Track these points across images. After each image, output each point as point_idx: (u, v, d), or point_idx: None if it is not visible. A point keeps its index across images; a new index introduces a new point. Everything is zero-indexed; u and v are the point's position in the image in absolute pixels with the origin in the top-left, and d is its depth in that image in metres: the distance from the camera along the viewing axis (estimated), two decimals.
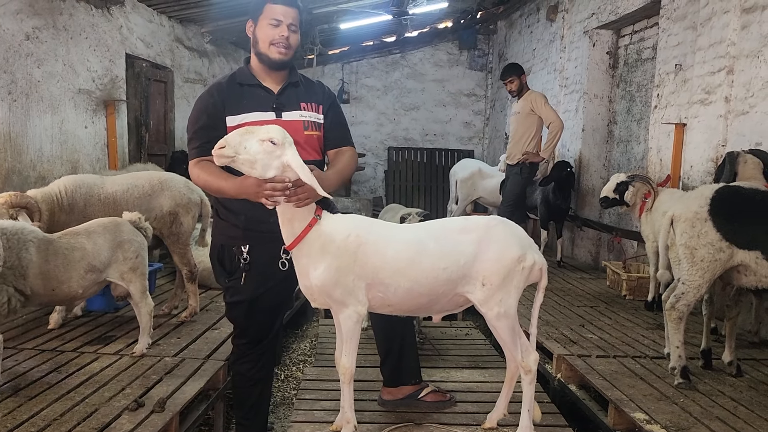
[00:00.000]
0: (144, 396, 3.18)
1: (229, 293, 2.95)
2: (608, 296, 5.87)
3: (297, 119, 2.85)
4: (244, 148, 2.37)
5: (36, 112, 5.18)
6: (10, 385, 3.24)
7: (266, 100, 2.85)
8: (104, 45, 6.15)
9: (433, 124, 13.02)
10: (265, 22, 2.77)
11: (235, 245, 2.81)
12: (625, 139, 7.45)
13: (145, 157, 7.07)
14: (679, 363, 3.51)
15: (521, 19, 10.72)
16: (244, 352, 3.04)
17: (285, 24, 2.77)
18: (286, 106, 2.86)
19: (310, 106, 2.91)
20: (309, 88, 2.98)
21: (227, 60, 9.69)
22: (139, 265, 3.75)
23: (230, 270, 2.90)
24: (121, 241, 3.69)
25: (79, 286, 3.49)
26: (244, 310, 2.93)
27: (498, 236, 2.70)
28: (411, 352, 3.33)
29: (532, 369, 2.82)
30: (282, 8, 2.76)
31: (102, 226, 3.70)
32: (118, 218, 3.87)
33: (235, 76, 2.90)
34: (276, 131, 2.42)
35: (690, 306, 3.47)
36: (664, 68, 6.02)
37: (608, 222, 7.39)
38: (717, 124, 5.11)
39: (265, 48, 2.79)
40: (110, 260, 3.63)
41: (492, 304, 2.68)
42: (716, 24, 5.13)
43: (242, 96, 2.83)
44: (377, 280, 2.60)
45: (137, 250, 3.75)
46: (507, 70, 6.85)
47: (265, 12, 2.77)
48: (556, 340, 4.34)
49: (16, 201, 3.84)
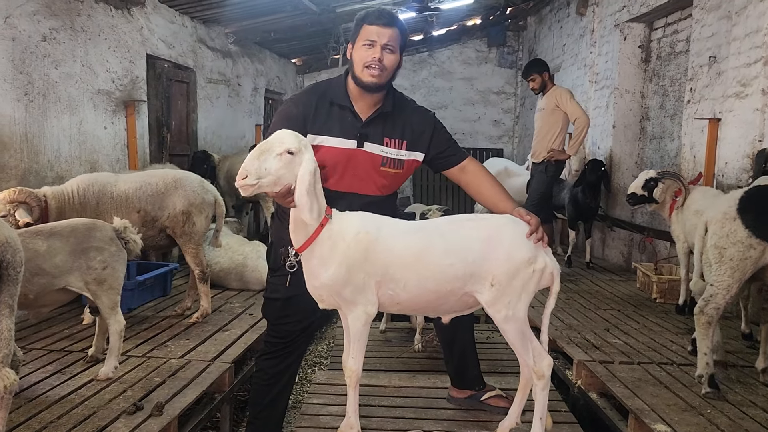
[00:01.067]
0: (144, 399, 3.12)
1: (269, 289, 2.97)
2: (638, 299, 5.62)
3: (377, 153, 2.78)
4: (264, 170, 2.28)
5: (54, 112, 5.19)
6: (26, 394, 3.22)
7: (352, 126, 2.76)
8: (124, 46, 6.15)
9: (461, 123, 12.82)
10: (360, 43, 2.70)
11: (282, 245, 2.75)
12: (658, 136, 7.16)
13: (166, 157, 7.07)
14: (706, 371, 3.29)
15: (551, 14, 10.46)
16: (271, 349, 2.99)
17: (379, 44, 2.67)
18: (369, 137, 2.78)
19: (393, 142, 2.82)
20: (401, 118, 2.87)
21: (251, 60, 9.68)
22: (107, 277, 3.34)
23: (273, 267, 2.91)
24: (87, 248, 3.30)
25: (27, 290, 3.08)
26: (279, 307, 2.91)
27: (508, 236, 2.60)
28: (471, 359, 3.31)
29: (545, 374, 2.67)
30: (377, 29, 2.66)
31: (71, 227, 3.35)
32: (98, 222, 3.52)
33: (329, 91, 2.82)
34: (290, 139, 2.34)
35: (720, 310, 3.24)
36: (697, 61, 5.74)
37: (640, 222, 7.11)
38: (753, 118, 4.83)
39: (359, 71, 2.71)
40: (70, 266, 3.24)
41: (500, 306, 2.57)
42: (752, 13, 4.86)
43: (330, 116, 2.76)
44: (387, 276, 2.53)
45: (106, 260, 3.34)
46: (528, 67, 6.63)
47: (361, 33, 2.70)
48: (578, 345, 4.14)
49: (15, 197, 3.84)
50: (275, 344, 2.97)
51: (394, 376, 3.85)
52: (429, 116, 2.99)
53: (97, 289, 3.33)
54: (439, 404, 3.40)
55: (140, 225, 4.40)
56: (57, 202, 4.20)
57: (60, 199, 4.22)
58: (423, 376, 3.85)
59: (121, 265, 3.45)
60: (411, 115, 2.92)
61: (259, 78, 9.96)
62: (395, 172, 2.84)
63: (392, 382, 3.74)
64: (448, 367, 3.39)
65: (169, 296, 5.33)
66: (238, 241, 5.77)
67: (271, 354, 2.99)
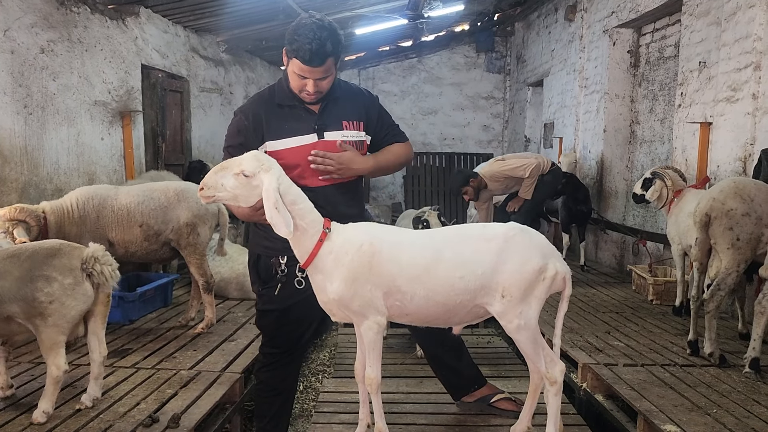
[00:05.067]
0: (159, 411, 3.13)
1: (262, 301, 2.92)
2: (634, 301, 5.71)
3: (338, 139, 2.76)
4: (221, 185, 2.35)
5: (52, 124, 5.18)
6: (26, 402, 3.21)
7: (307, 121, 2.74)
8: (120, 56, 6.15)
9: (451, 128, 12.92)
10: (292, 69, 2.63)
11: (272, 256, 2.76)
12: (649, 140, 7.28)
13: (161, 167, 7.06)
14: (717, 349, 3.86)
15: (539, 19, 10.58)
16: (270, 361, 2.99)
17: (312, 80, 2.61)
18: (328, 126, 2.76)
19: (351, 124, 2.81)
20: (351, 100, 2.85)
21: (243, 68, 9.70)
22: (52, 313, 2.85)
23: (265, 279, 2.87)
24: (37, 276, 2.85)
25: None
26: (275, 318, 2.89)
27: (517, 246, 2.58)
28: (460, 363, 3.34)
29: (558, 380, 2.70)
30: (308, 68, 2.57)
31: (32, 250, 2.96)
32: (66, 247, 3.02)
33: (275, 95, 2.78)
34: (248, 162, 2.36)
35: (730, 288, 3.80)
36: (687, 66, 5.86)
37: (632, 224, 7.22)
38: (744, 122, 4.94)
39: (295, 89, 2.69)
40: (14, 293, 2.84)
41: (511, 316, 2.57)
42: (741, 19, 4.98)
43: (283, 119, 2.74)
44: (394, 287, 2.53)
45: (54, 293, 2.85)
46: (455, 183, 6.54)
47: (293, 61, 2.60)
48: (581, 348, 4.21)
49: (14, 215, 3.82)
50: (273, 355, 2.97)
51: (401, 383, 3.89)
52: (374, 98, 2.98)
53: (39, 324, 2.88)
54: (449, 409, 3.44)
55: (143, 239, 4.41)
56: (56, 217, 4.18)
57: (59, 214, 4.20)
58: (430, 381, 3.88)
59: (75, 300, 2.92)
60: (359, 96, 2.91)
61: (250, 86, 9.97)
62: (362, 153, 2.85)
63: (400, 389, 3.78)
64: (441, 382, 3.43)
65: (170, 307, 5.33)
66: (237, 251, 5.79)
67: (270, 366, 2.99)
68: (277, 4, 7.05)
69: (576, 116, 8.61)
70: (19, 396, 3.33)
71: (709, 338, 3.87)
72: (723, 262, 3.79)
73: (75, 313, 2.94)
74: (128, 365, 3.82)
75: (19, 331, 3.03)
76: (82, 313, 3.00)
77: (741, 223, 3.69)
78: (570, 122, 8.91)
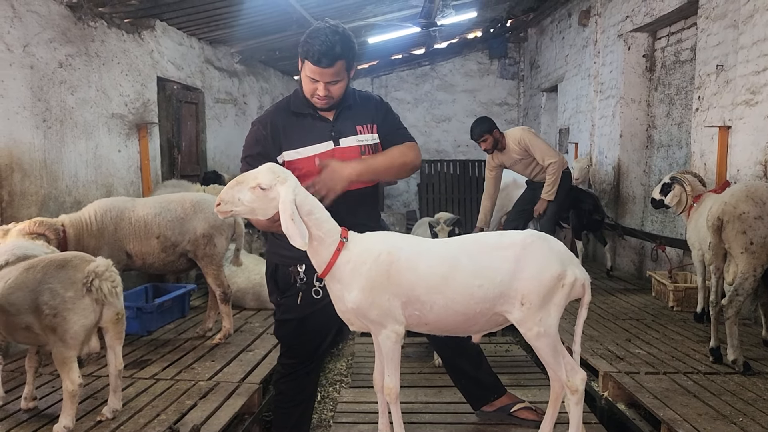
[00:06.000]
0: (179, 422, 3.14)
1: (281, 311, 2.92)
2: (654, 308, 5.63)
3: (354, 145, 2.78)
4: (238, 200, 2.37)
5: (71, 138, 5.24)
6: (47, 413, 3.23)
7: (323, 129, 2.77)
8: (136, 69, 6.21)
9: (465, 135, 12.68)
10: (305, 72, 2.67)
11: (291, 265, 2.76)
12: (666, 144, 7.21)
13: (177, 178, 7.10)
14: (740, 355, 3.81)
15: (552, 25, 10.55)
16: (288, 371, 2.98)
17: (322, 83, 2.64)
18: (343, 133, 2.78)
19: (365, 128, 2.83)
20: (363, 106, 2.87)
21: (257, 79, 9.75)
22: (56, 326, 2.85)
23: (283, 288, 2.86)
24: (42, 290, 2.87)
25: None
26: (293, 328, 2.88)
27: (536, 253, 2.57)
28: (479, 372, 3.33)
29: (579, 389, 2.67)
30: (318, 69, 2.60)
31: (47, 262, 3.00)
32: (75, 259, 3.03)
33: (291, 104, 2.81)
34: (264, 175, 2.37)
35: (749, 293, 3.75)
36: (704, 69, 5.80)
37: (651, 230, 7.14)
38: (764, 125, 4.87)
39: (308, 96, 2.72)
40: (29, 304, 2.88)
41: (531, 324, 2.56)
42: (759, 21, 4.92)
43: (299, 128, 2.76)
44: (413, 297, 2.52)
45: (56, 307, 2.85)
46: (477, 128, 6.16)
47: (305, 64, 2.64)
48: (602, 357, 4.16)
49: (34, 228, 3.87)
50: (292, 366, 2.96)
51: (420, 393, 3.87)
52: (383, 101, 2.98)
53: (51, 337, 2.89)
54: (469, 419, 3.41)
55: (160, 251, 4.43)
56: (75, 230, 4.22)
57: (78, 227, 4.25)
58: (449, 391, 3.85)
59: (76, 315, 2.89)
60: (369, 100, 2.93)
61: (264, 96, 10.02)
62: None
63: (419, 399, 3.75)
64: (460, 391, 3.43)
65: (187, 317, 5.35)
66: (254, 261, 5.80)
67: (289, 376, 2.98)
68: (290, 14, 7.09)
69: (591, 121, 8.55)
70: (41, 408, 3.35)
71: (732, 345, 3.80)
72: (739, 267, 3.74)
73: (78, 329, 2.90)
74: (147, 376, 3.83)
75: (43, 341, 3.02)
76: (87, 329, 2.95)
77: (754, 227, 3.64)
78: (585, 127, 8.85)
